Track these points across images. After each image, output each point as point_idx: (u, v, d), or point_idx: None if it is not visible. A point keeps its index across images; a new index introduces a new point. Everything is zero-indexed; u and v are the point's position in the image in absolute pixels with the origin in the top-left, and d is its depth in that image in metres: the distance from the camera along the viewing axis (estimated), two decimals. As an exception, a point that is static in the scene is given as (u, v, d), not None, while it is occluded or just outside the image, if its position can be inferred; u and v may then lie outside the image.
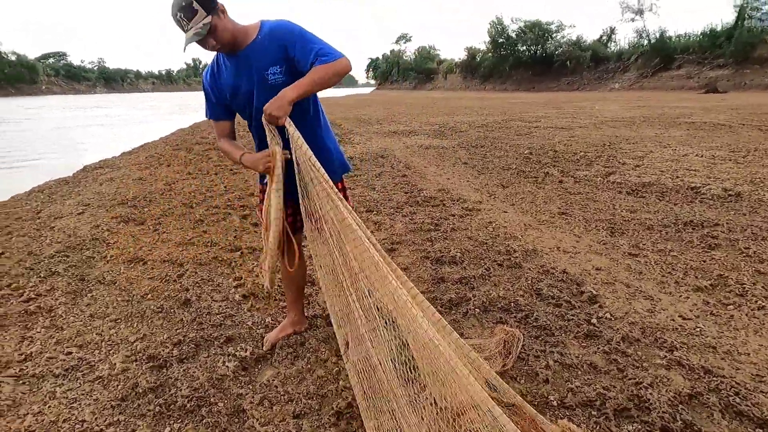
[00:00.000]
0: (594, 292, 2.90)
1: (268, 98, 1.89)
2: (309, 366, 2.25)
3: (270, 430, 1.86)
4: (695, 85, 28.67)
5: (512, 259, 3.48)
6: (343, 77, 1.96)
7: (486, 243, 3.83)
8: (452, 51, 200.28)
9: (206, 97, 2.14)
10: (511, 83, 44.71)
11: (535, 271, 3.26)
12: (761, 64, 27.31)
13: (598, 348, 2.34)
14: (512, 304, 2.80)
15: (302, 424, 1.88)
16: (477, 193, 5.50)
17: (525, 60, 45.00)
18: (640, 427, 1.82)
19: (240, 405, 1.99)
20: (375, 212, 4.79)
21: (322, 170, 1.85)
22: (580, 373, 2.16)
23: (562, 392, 2.02)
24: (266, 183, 2.08)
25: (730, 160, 6.65)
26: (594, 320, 2.59)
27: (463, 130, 11.69)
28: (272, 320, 2.70)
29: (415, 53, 72.50)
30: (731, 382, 2.05)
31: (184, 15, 1.78)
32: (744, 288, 2.91)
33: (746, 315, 2.62)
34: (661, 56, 33.48)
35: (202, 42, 1.85)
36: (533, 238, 3.92)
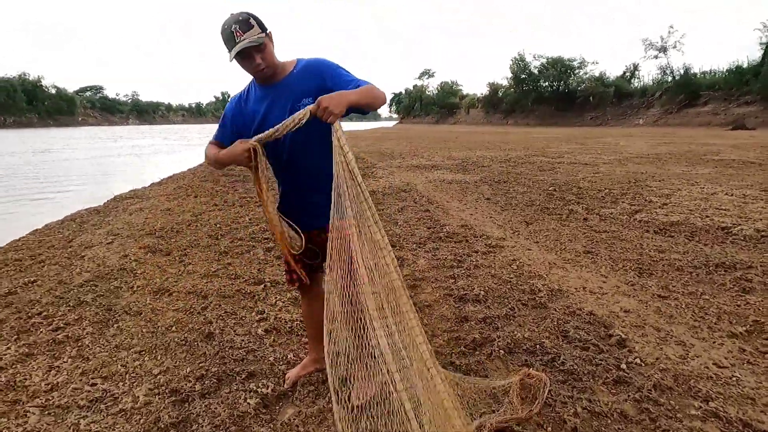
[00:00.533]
0: (623, 336, 2.81)
1: (292, 134, 1.87)
2: (330, 405, 2.22)
3: (290, 472, 1.83)
4: (722, 121, 28.31)
5: (537, 298, 3.42)
6: (381, 106, 1.97)
7: (510, 281, 3.78)
8: (475, 86, 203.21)
9: (222, 122, 2.15)
10: (533, 118, 44.87)
11: (561, 312, 3.19)
12: (790, 101, 26.88)
13: (629, 395, 2.26)
14: (538, 346, 2.73)
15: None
16: (500, 230, 5.46)
17: (547, 95, 45.28)
18: (675, 483, 1.74)
19: (260, 444, 1.97)
20: (398, 247, 4.78)
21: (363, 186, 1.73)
22: (609, 422, 2.08)
23: (590, 443, 1.94)
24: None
25: (762, 199, 6.49)
26: (623, 365, 2.51)
27: (486, 164, 11.71)
28: (294, 356, 2.69)
29: (437, 88, 73.68)
30: (772, 437, 1.95)
31: (239, 27, 1.82)
32: (782, 335, 2.79)
33: (786, 365, 2.50)
34: (686, 93, 33.33)
35: (249, 58, 1.87)
36: (558, 278, 3.86)
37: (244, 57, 1.88)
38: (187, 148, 26.28)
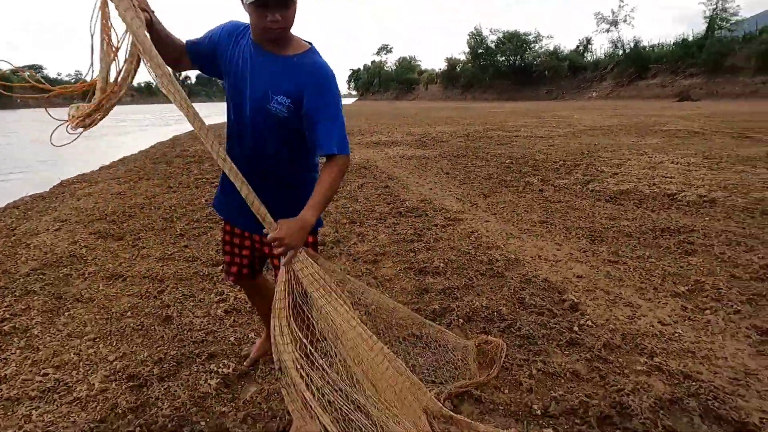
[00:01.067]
0: (575, 300, 2.93)
1: (258, 119, 1.72)
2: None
3: (254, 448, 1.83)
4: (669, 93, 29.40)
5: (495, 268, 3.51)
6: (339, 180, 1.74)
7: (469, 253, 3.85)
8: (433, 61, 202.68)
9: (210, 32, 1.84)
10: (491, 93, 45.28)
11: (518, 280, 3.29)
12: (732, 73, 28.14)
13: (581, 356, 2.37)
14: (495, 313, 2.81)
15: (286, 441, 1.85)
16: (459, 203, 5.54)
17: (504, 70, 45.69)
18: (622, 433, 1.84)
19: (223, 423, 1.96)
20: (358, 224, 4.78)
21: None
22: (563, 381, 2.18)
23: (545, 401, 2.03)
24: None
25: (705, 166, 6.82)
26: (576, 328, 2.62)
27: (445, 140, 11.79)
28: (255, 335, 2.67)
29: (396, 64, 73.07)
30: (710, 386, 2.09)
31: None
32: (720, 293, 2.98)
33: (723, 319, 2.68)
34: (636, 66, 34.33)
35: (279, 8, 1.56)
36: (515, 247, 3.96)
37: (275, 5, 1.55)
38: (138, 129, 25.23)
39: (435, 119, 19.56)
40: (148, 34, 1.57)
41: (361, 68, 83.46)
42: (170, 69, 1.65)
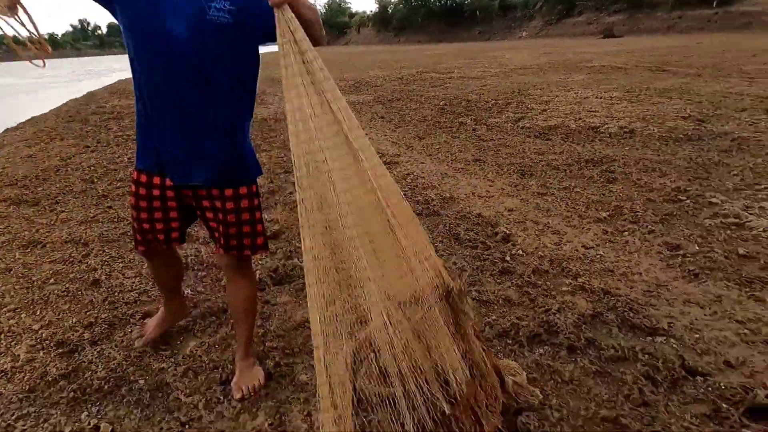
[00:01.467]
0: (507, 232, 3.06)
1: (198, 39, 1.47)
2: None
3: (196, 399, 1.83)
4: (595, 30, 30.25)
5: (431, 207, 3.57)
6: (317, 46, 1.44)
7: (405, 194, 3.89)
8: (364, 3, 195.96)
9: None
10: (424, 35, 44.71)
11: (453, 217, 3.37)
12: (652, 8, 29.21)
13: (512, 283, 2.50)
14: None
15: (230, 390, 1.86)
16: (395, 147, 5.54)
17: (437, 11, 45.04)
18: (549, 349, 1.99)
19: (162, 379, 1.93)
20: (292, 173, 4.68)
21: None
22: (496, 307, 2.30)
23: (479, 326, 2.14)
24: None
25: (626, 100, 7.15)
26: (508, 258, 2.75)
27: (379, 84, 11.60)
28: (192, 291, 2.60)
29: (325, 7, 70.08)
30: (626, 299, 2.27)
31: None
32: (637, 215, 3.20)
33: (638, 239, 2.89)
34: (563, 3, 34.84)
35: None
36: (450, 186, 4.04)
37: None
38: (49, 87, 23.04)
39: (368, 63, 19.13)
40: None
41: (289, 12, 79.27)
42: None
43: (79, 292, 2.64)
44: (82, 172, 5.07)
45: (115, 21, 1.59)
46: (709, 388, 1.73)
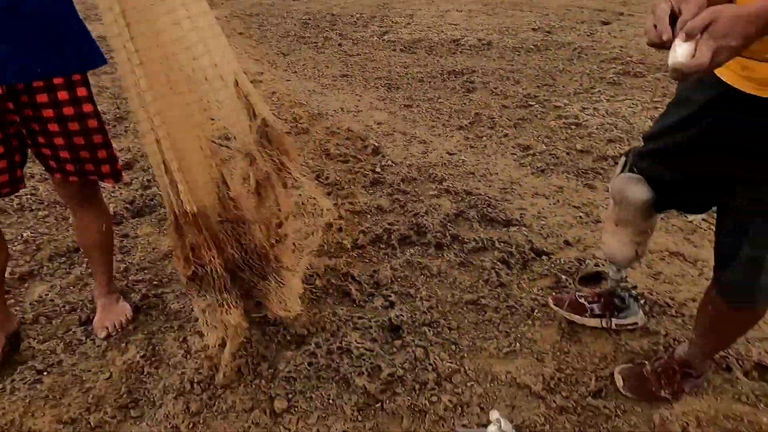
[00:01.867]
0: (377, 144, 3.09)
1: None
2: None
3: (53, 344, 1.67)
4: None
5: (299, 125, 3.46)
6: None
7: (272, 112, 3.71)
8: None
9: None
10: (281, -57, 41.20)
11: (323, 134, 3.31)
12: None
13: (383, 192, 2.57)
14: (303, 166, 2.83)
15: (92, 330, 1.72)
16: (258, 64, 5.19)
17: None
18: (419, 248, 2.12)
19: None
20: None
21: None
22: (369, 216, 2.36)
23: (354, 235, 2.20)
24: None
25: (484, 13, 7.37)
26: (378, 169, 2.80)
27: (235, -3, 10.58)
28: (32, 233, 2.29)
29: None
30: (485, 197, 2.47)
31: None
32: (494, 121, 3.42)
33: (495, 143, 3.11)
34: None
35: None
36: (318, 103, 3.93)
37: None
38: None
39: (221, -26, 17.25)
40: None
41: None
42: None
43: None
44: None
45: None
46: (552, 265, 1.99)
